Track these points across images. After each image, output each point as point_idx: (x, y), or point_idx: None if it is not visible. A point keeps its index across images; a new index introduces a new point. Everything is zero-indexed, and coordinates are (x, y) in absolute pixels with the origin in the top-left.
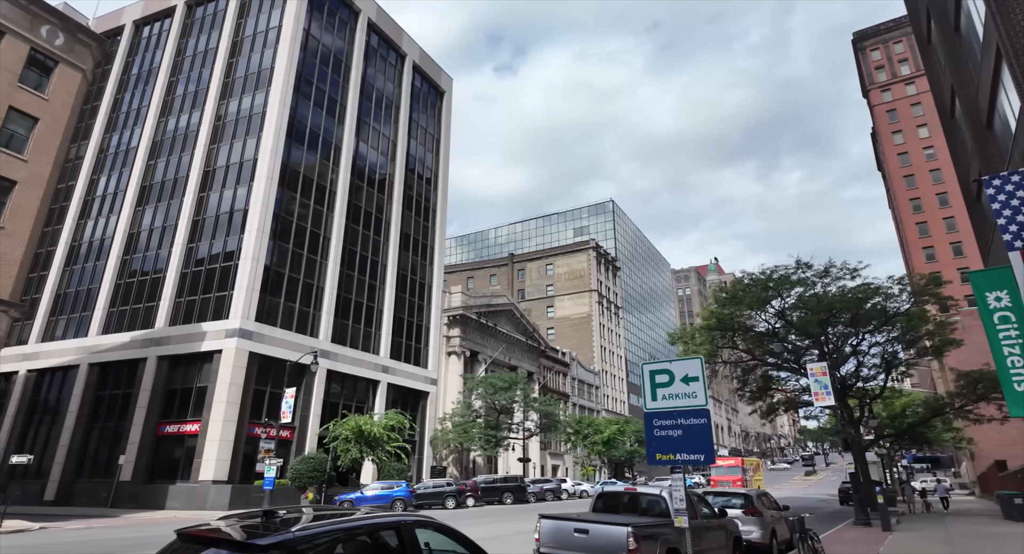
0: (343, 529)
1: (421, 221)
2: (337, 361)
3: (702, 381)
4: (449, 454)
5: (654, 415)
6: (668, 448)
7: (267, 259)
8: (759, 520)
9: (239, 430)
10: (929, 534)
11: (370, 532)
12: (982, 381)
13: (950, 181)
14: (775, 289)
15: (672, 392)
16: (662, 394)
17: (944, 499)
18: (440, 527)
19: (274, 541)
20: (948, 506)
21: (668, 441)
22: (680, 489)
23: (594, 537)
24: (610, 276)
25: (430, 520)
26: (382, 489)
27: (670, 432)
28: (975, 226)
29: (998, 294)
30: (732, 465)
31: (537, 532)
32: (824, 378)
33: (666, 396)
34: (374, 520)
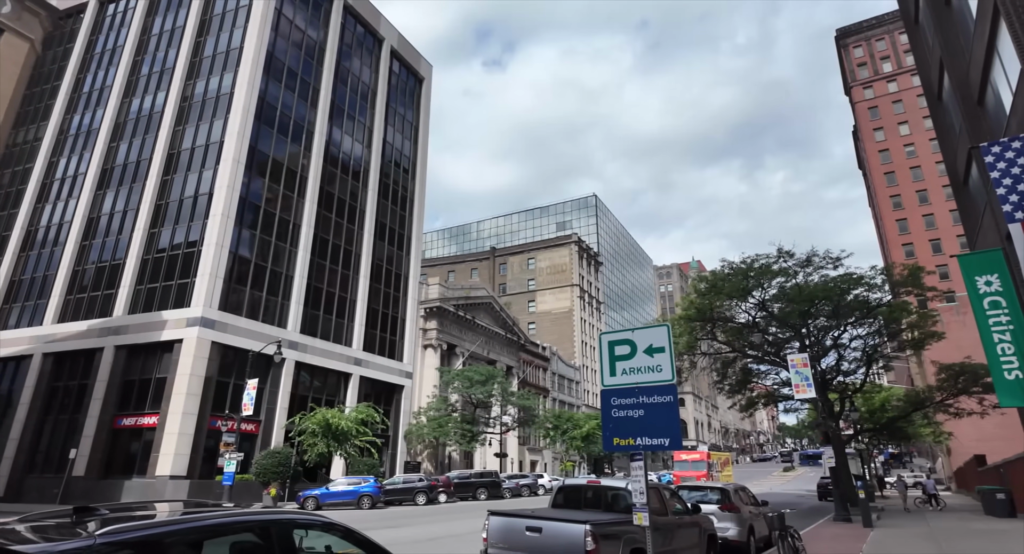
0: (177, 531)
1: (398, 210)
2: (307, 353)
3: (669, 352)
4: (424, 449)
5: (612, 393)
6: (627, 431)
7: (232, 246)
8: (736, 516)
9: (200, 423)
10: (911, 530)
11: (220, 533)
12: (964, 374)
13: (930, 178)
14: (756, 279)
15: (634, 365)
16: (622, 368)
17: (934, 496)
18: (331, 526)
19: (64, 549)
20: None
21: (628, 423)
22: (640, 481)
23: (548, 536)
24: (592, 271)
25: (317, 519)
26: (348, 485)
27: (630, 412)
28: (962, 211)
29: (988, 278)
30: (697, 459)
31: (485, 530)
32: (805, 370)
33: (627, 370)
34: (229, 519)
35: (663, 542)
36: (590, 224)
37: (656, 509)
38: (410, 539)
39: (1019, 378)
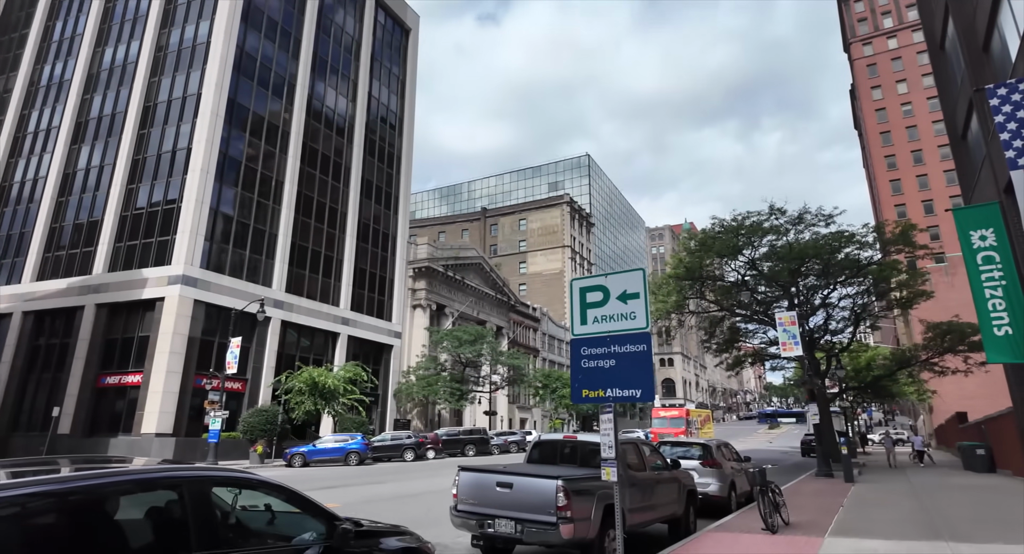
0: (56, 491)
1: (385, 168)
2: (292, 312)
3: (643, 299)
4: (414, 407)
5: (582, 342)
6: (597, 383)
7: (213, 202)
8: (718, 472)
9: (185, 382)
10: (892, 486)
11: (115, 493)
12: (951, 333)
13: (926, 138)
14: (747, 237)
15: (605, 313)
16: (593, 316)
17: (922, 453)
18: (260, 484)
19: None
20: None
21: (598, 374)
22: (609, 435)
23: (519, 492)
24: (584, 232)
25: (241, 476)
26: (336, 442)
27: (601, 362)
28: (959, 167)
29: (983, 233)
30: (676, 416)
31: (455, 487)
32: (793, 328)
33: (598, 318)
34: (127, 477)
35: (641, 498)
36: (583, 185)
37: (634, 465)
38: (391, 495)
39: (1008, 335)
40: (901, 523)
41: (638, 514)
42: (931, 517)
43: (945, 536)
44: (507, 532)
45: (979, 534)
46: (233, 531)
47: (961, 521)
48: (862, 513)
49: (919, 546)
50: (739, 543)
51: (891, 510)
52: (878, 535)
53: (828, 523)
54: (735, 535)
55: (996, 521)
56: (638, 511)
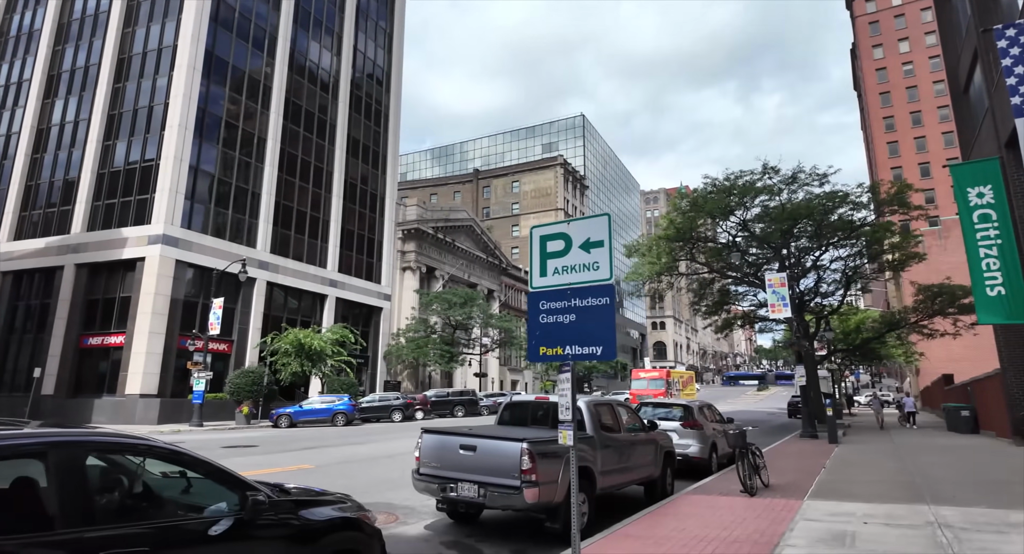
0: None
1: (372, 126)
2: (278, 273)
3: (607, 248)
4: (404, 369)
5: (541, 296)
6: (556, 339)
7: (193, 160)
8: (698, 434)
9: (168, 342)
10: (876, 446)
11: None
12: (941, 295)
13: (925, 99)
14: (739, 197)
15: (567, 264)
16: (553, 267)
17: (912, 414)
18: (151, 450)
19: None
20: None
21: (557, 330)
22: (567, 395)
23: (483, 455)
24: (578, 195)
25: (120, 441)
26: (323, 403)
27: (560, 318)
28: (959, 122)
29: (981, 189)
30: (655, 377)
31: (417, 449)
32: (782, 289)
33: (559, 269)
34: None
35: (616, 459)
36: (577, 147)
37: (609, 426)
38: (368, 455)
39: (1001, 295)
40: (882, 485)
41: (612, 476)
42: (913, 478)
43: (927, 499)
44: (469, 496)
45: (961, 496)
46: (123, 504)
47: (943, 483)
48: (844, 474)
49: (899, 509)
50: (716, 506)
51: (873, 471)
52: (858, 498)
53: (808, 485)
54: (713, 498)
55: (978, 483)
56: (612, 473)
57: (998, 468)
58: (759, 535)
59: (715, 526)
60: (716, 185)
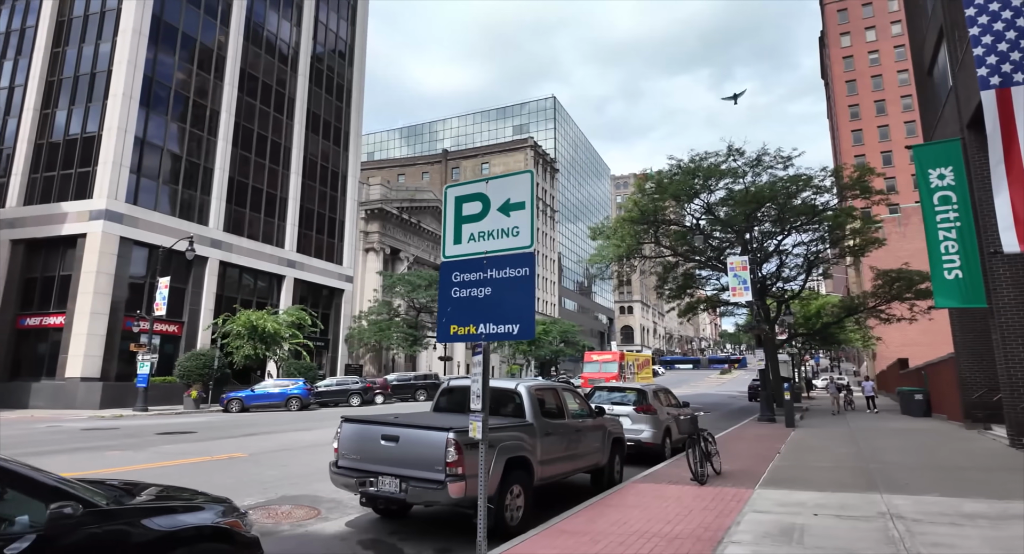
0: None
1: (334, 101)
2: (232, 252)
3: (529, 210)
4: (367, 353)
5: (454, 266)
6: (469, 316)
7: (139, 131)
8: (652, 418)
9: (113, 324)
10: (832, 430)
11: None
12: (899, 280)
13: (890, 88)
14: (704, 179)
15: (484, 229)
16: (469, 232)
17: (871, 398)
18: None
19: None
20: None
21: (470, 306)
22: (479, 380)
23: (405, 446)
24: (548, 178)
25: None
26: (276, 387)
27: (474, 291)
28: (922, 105)
29: (942, 171)
30: (608, 360)
31: (336, 440)
32: (744, 273)
33: (474, 236)
34: None
35: (560, 447)
36: (548, 129)
37: (552, 411)
38: (312, 442)
39: (959, 278)
40: (836, 471)
41: (554, 465)
42: (867, 464)
43: (880, 486)
44: (390, 491)
45: (915, 483)
46: None
47: (897, 468)
48: (798, 460)
49: (851, 498)
50: (663, 496)
51: (827, 456)
52: (811, 485)
53: (761, 472)
54: (661, 487)
55: (931, 468)
56: (555, 462)
57: (950, 452)
58: (703, 530)
59: (659, 519)
60: (681, 167)
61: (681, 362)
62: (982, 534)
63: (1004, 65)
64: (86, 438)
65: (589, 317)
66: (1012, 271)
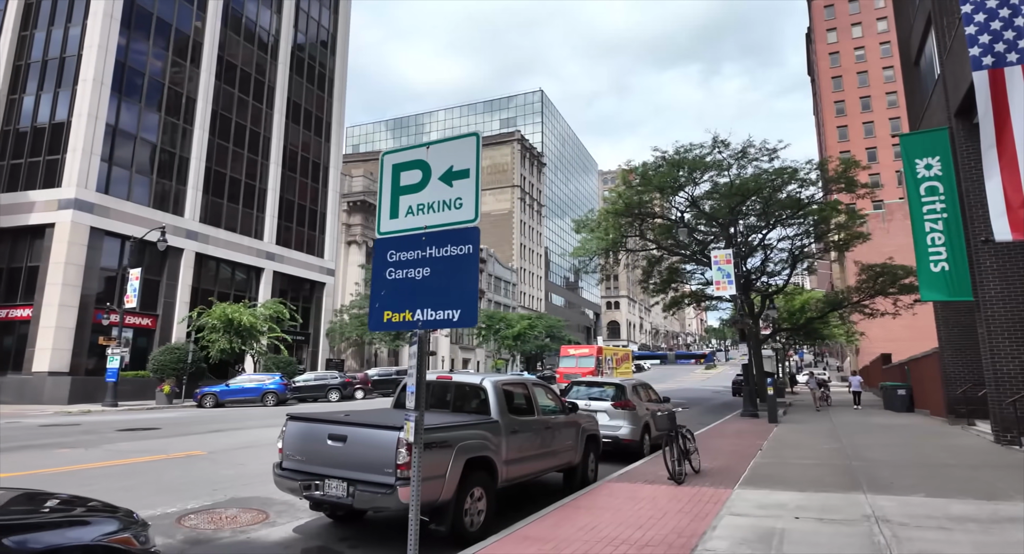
0: None
1: (315, 90)
2: (208, 244)
3: (474, 179)
4: (348, 347)
5: (389, 243)
6: (405, 301)
7: (110, 118)
8: (630, 414)
9: (82, 317)
10: (815, 426)
11: None
12: (883, 275)
13: (875, 84)
14: (688, 172)
15: (424, 201)
16: (407, 205)
17: (857, 393)
18: None
19: None
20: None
21: (407, 289)
22: (415, 374)
23: (353, 446)
24: (535, 172)
25: None
26: (251, 381)
27: (411, 272)
28: (908, 95)
29: (929, 161)
30: (585, 355)
31: (281, 439)
32: (728, 267)
33: (413, 208)
34: None
35: (529, 446)
36: (535, 123)
37: (521, 408)
38: (272, 439)
39: (945, 271)
40: (819, 469)
41: (522, 465)
42: (850, 462)
43: (864, 486)
44: (336, 495)
45: (899, 482)
46: None
47: (881, 466)
48: (779, 457)
49: (834, 499)
50: (637, 496)
51: (810, 453)
52: (792, 485)
53: (742, 470)
54: (636, 486)
55: (916, 465)
56: (522, 461)
57: (935, 449)
58: (676, 536)
59: (630, 524)
60: (666, 159)
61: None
62: (972, 540)
63: (997, 45)
64: (41, 435)
65: (576, 312)
66: (999, 263)
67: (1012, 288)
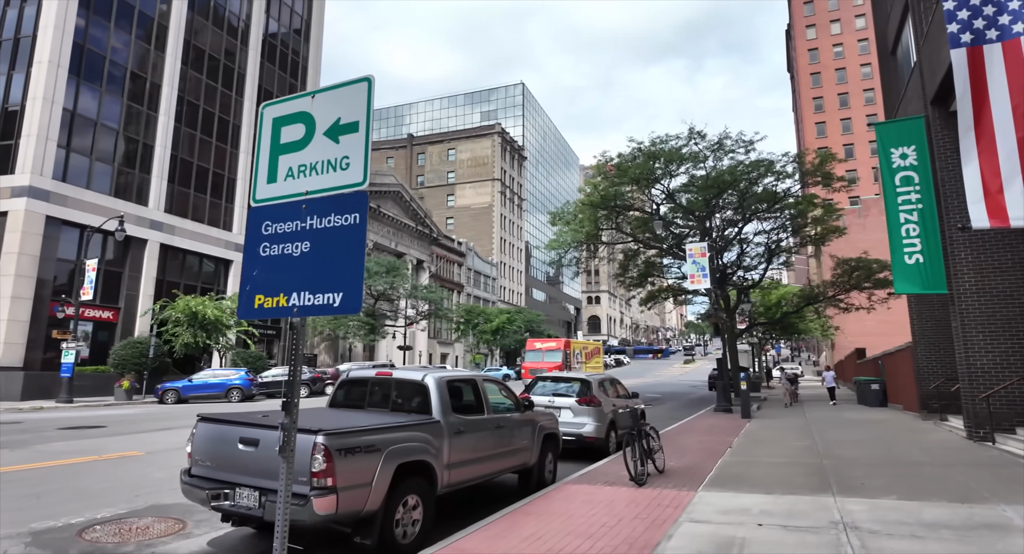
0: None
1: (288, 78)
2: (174, 235)
3: (364, 133)
4: (322, 342)
5: (265, 214)
6: (279, 284)
7: (68, 103)
8: (595, 411)
9: (38, 309)
10: (787, 421)
11: None
12: (858, 269)
13: (853, 81)
14: (664, 164)
15: (305, 161)
16: (287, 166)
17: (832, 389)
18: None
19: None
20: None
21: (282, 267)
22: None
23: (266, 451)
24: (515, 165)
25: None
26: (214, 377)
27: (289, 247)
28: (884, 86)
29: (904, 150)
30: (552, 349)
31: (189, 443)
32: (702, 260)
33: (293, 171)
34: None
35: (476, 447)
36: (516, 116)
37: (469, 406)
38: None
39: (919, 263)
40: (788, 467)
41: (468, 468)
42: (821, 460)
43: (833, 487)
44: (247, 506)
45: (871, 483)
46: None
47: (852, 465)
48: (749, 455)
49: (802, 503)
50: (594, 500)
51: (780, 450)
52: (759, 486)
53: (708, 469)
54: (595, 489)
55: (888, 464)
56: (469, 465)
57: (907, 446)
58: (627, 547)
59: (580, 533)
60: (643, 150)
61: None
62: (947, 551)
63: (976, 21)
64: None
65: (557, 307)
66: (974, 255)
67: (987, 281)
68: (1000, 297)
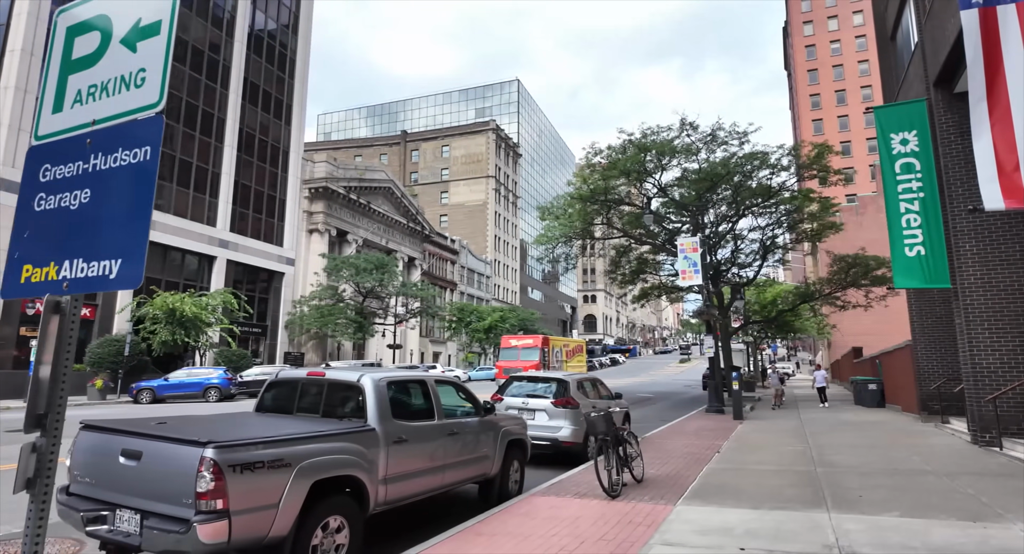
0: None
1: (276, 72)
2: (155, 230)
3: (165, 37)
4: (309, 340)
5: (44, 154)
6: (50, 249)
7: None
8: (571, 414)
9: (9, 306)
10: (780, 423)
11: None
12: (855, 266)
13: (850, 78)
14: (656, 156)
15: (97, 80)
16: (76, 89)
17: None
18: None
19: None
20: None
21: (55, 227)
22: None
23: (149, 465)
24: (510, 163)
25: None
26: (191, 376)
27: (67, 198)
28: (884, 72)
29: (905, 136)
30: (529, 346)
31: (69, 456)
32: (694, 255)
33: (81, 95)
34: None
35: (422, 458)
36: (511, 113)
37: (416, 411)
38: None
39: (921, 256)
40: (778, 476)
41: (409, 482)
42: (814, 467)
43: (827, 500)
44: (126, 531)
45: (869, 495)
46: None
47: (848, 473)
48: (737, 461)
49: (791, 520)
50: (559, 517)
51: (771, 456)
52: (745, 499)
53: (691, 478)
54: (563, 501)
55: (887, 473)
56: (410, 477)
57: (908, 451)
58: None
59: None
60: (632, 142)
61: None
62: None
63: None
64: None
65: (553, 306)
66: (979, 246)
67: (993, 274)
68: (1007, 291)
